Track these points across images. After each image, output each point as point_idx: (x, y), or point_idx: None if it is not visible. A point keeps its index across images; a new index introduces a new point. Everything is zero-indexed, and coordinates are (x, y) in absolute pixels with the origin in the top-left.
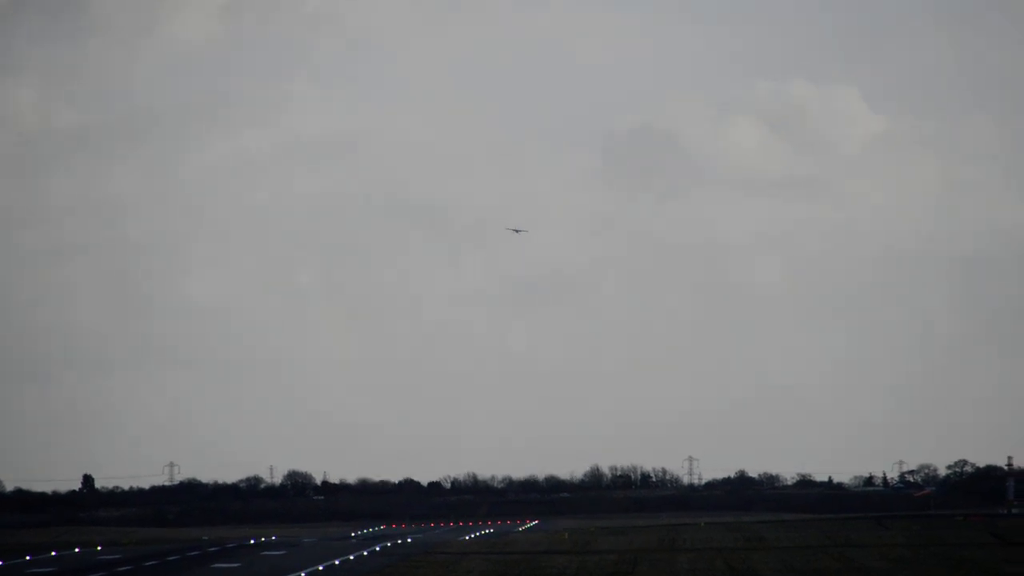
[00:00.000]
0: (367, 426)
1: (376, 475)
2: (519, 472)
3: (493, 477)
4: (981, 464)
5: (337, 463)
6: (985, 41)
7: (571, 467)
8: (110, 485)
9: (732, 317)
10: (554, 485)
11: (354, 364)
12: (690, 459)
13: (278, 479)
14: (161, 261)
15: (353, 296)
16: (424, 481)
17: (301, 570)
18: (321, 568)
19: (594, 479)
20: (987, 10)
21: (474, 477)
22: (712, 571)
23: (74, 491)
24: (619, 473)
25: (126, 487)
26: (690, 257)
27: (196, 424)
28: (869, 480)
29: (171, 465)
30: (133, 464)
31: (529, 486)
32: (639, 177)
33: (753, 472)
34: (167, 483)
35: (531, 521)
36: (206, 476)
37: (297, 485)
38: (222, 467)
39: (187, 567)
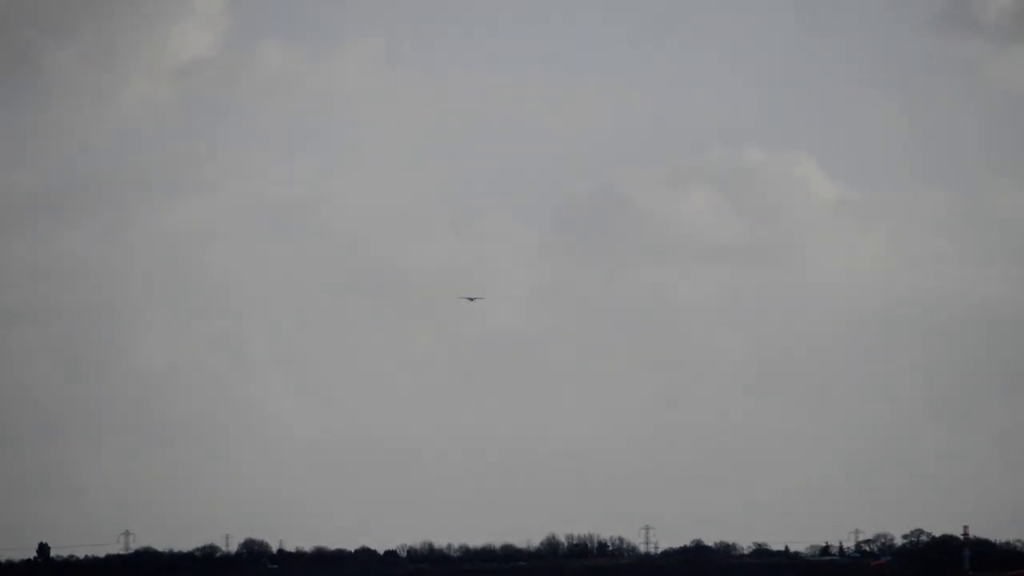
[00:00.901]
0: (322, 493)
1: (332, 543)
2: (475, 540)
3: (449, 546)
4: (937, 533)
5: (293, 531)
6: (938, 113)
7: (527, 535)
8: (65, 554)
9: (687, 384)
10: (510, 553)
11: (309, 430)
12: (646, 528)
13: (234, 547)
14: (116, 328)
15: (307, 363)
16: (380, 549)
17: None
18: None
19: (550, 548)
20: (940, 83)
21: (430, 546)
22: None
23: (28, 560)
24: (576, 542)
25: (81, 556)
26: (644, 324)
27: (151, 492)
28: (825, 549)
29: (126, 534)
30: (88, 533)
31: (486, 554)
32: (593, 243)
33: (709, 541)
34: (123, 551)
35: None
36: (162, 544)
37: (253, 554)
38: (177, 535)
39: None
